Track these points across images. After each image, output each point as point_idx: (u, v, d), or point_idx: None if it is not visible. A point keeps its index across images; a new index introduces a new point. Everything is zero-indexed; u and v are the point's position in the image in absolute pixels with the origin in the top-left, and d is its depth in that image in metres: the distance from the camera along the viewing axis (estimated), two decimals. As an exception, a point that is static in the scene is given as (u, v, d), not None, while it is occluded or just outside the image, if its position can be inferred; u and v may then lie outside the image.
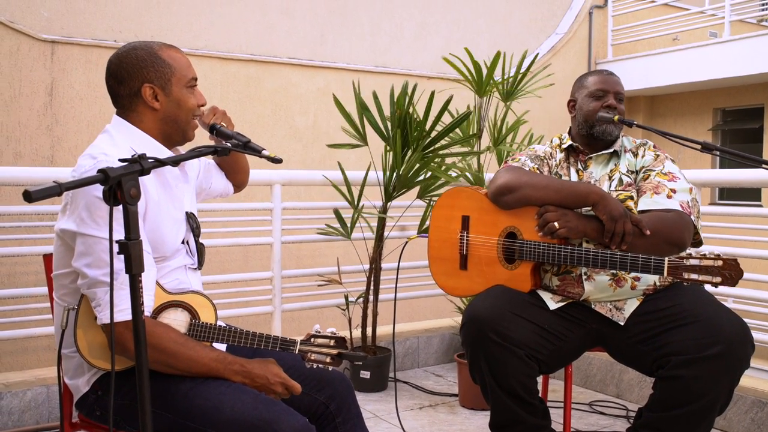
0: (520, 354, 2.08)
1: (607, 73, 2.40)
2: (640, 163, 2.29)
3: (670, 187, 2.16)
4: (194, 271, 1.81)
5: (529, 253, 2.18)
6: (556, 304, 2.21)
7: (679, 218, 2.10)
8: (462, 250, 2.38)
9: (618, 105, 2.31)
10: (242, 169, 2.12)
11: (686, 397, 1.97)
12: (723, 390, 1.97)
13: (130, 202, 1.25)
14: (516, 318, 2.12)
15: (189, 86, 1.74)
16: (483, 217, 2.33)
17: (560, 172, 2.35)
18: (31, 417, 2.92)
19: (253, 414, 1.55)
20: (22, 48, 6.17)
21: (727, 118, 10.27)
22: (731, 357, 1.94)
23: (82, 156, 1.64)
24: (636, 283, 2.17)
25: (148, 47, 1.72)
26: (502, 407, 2.15)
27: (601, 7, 10.04)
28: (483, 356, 2.10)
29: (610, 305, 2.19)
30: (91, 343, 1.60)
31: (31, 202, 1.07)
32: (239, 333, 1.69)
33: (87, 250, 1.55)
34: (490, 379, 2.12)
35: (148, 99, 1.69)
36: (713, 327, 1.97)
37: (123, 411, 1.63)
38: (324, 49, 7.93)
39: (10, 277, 5.58)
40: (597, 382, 3.55)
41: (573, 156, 2.37)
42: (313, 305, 3.85)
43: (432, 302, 4.46)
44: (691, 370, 1.95)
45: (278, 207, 3.63)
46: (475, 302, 2.19)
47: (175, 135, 1.76)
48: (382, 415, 3.18)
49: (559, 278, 2.23)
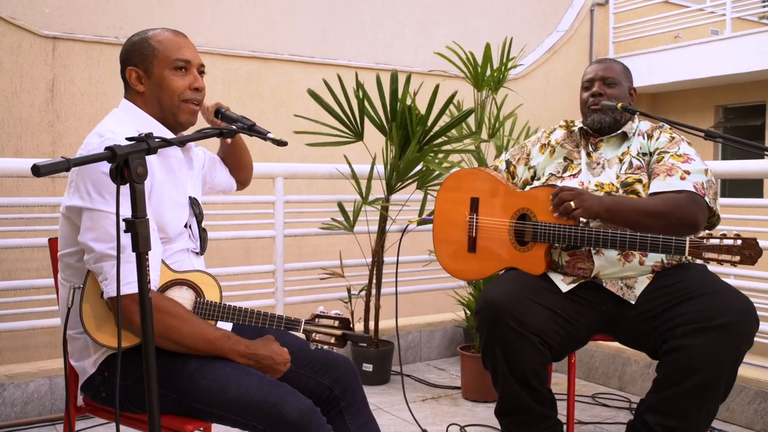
0: (536, 341, 2.07)
1: (598, 61, 2.42)
2: (654, 145, 2.28)
3: (684, 169, 2.15)
4: (197, 255, 1.81)
5: (544, 235, 2.16)
6: (568, 286, 2.20)
7: (691, 198, 2.10)
8: (471, 232, 2.34)
9: (606, 89, 2.32)
10: (246, 165, 2.12)
11: (690, 368, 1.95)
12: (727, 364, 1.96)
13: (136, 180, 1.25)
14: (532, 304, 2.10)
15: (175, 67, 1.71)
16: (493, 200, 2.31)
17: (569, 157, 2.36)
18: (33, 408, 2.92)
19: (259, 395, 1.55)
20: (23, 44, 6.17)
21: (729, 115, 10.26)
22: (737, 328, 1.95)
23: (90, 134, 1.64)
24: (644, 258, 2.17)
25: (144, 32, 1.75)
26: (511, 394, 2.14)
27: (603, 4, 10.03)
28: (498, 343, 2.09)
29: (621, 283, 2.18)
30: (97, 319, 1.60)
31: (40, 176, 1.07)
32: (244, 312, 1.69)
33: (93, 225, 1.55)
34: (503, 365, 2.10)
35: (133, 82, 1.72)
36: (720, 300, 1.98)
37: (128, 392, 1.63)
38: (325, 46, 7.92)
39: (12, 273, 5.58)
40: (600, 374, 3.55)
41: (585, 138, 2.38)
42: (315, 298, 3.85)
43: (434, 297, 4.46)
44: (695, 339, 1.94)
45: (281, 200, 3.63)
46: (490, 287, 2.17)
47: (166, 118, 1.74)
48: (385, 407, 3.17)
49: (569, 254, 2.22)
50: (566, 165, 2.36)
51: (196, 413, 1.62)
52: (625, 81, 2.37)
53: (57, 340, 4.79)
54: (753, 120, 9.93)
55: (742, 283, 3.41)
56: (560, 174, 2.34)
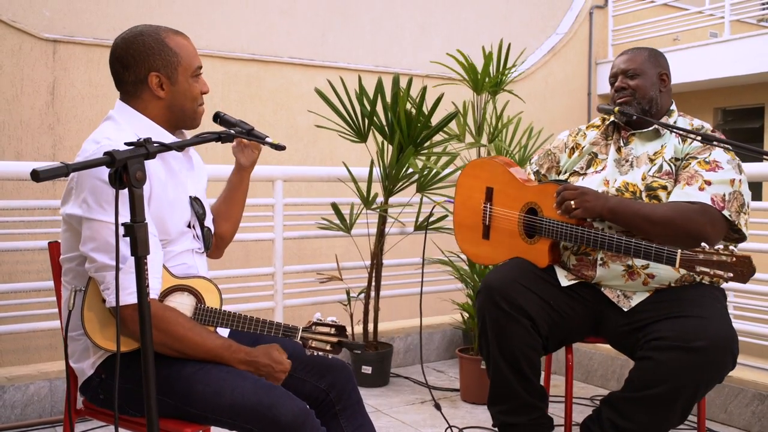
0: (526, 324, 2.11)
1: (622, 53, 2.36)
2: (687, 149, 2.18)
3: (706, 179, 2.05)
4: (201, 254, 1.82)
5: (548, 231, 2.20)
6: (568, 282, 2.23)
7: (702, 211, 2.01)
8: (485, 220, 2.41)
9: (629, 81, 2.26)
10: (233, 216, 2.03)
11: (652, 379, 1.95)
12: (687, 385, 1.92)
13: (135, 184, 1.26)
14: (525, 290, 2.15)
15: (195, 75, 1.74)
16: (506, 190, 2.36)
17: (594, 151, 2.32)
18: (33, 411, 2.93)
19: (253, 399, 1.57)
20: (24, 47, 6.19)
21: (727, 118, 10.28)
22: (708, 356, 1.89)
23: (86, 141, 1.65)
24: (649, 280, 2.13)
25: (155, 33, 1.70)
26: (501, 380, 2.17)
27: (602, 7, 10.05)
28: (491, 324, 2.14)
29: (619, 291, 2.19)
30: (99, 325, 1.62)
31: (39, 181, 1.08)
32: (243, 319, 1.71)
33: (94, 235, 1.56)
34: (494, 347, 2.14)
35: (154, 87, 1.69)
36: (702, 325, 1.93)
37: (126, 395, 1.64)
38: (325, 48, 7.94)
39: (12, 276, 5.59)
40: (598, 377, 3.56)
41: (617, 133, 2.32)
42: (314, 301, 3.86)
43: (432, 300, 4.46)
44: (664, 354, 1.93)
45: (280, 203, 3.64)
46: (491, 273, 2.24)
47: (180, 122, 1.77)
48: (384, 410, 3.18)
49: (577, 258, 2.24)
50: (590, 159, 2.31)
51: (193, 418, 1.63)
52: (651, 68, 2.27)
53: (57, 342, 4.80)
54: (752, 122, 9.94)
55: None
56: (584, 170, 2.31)
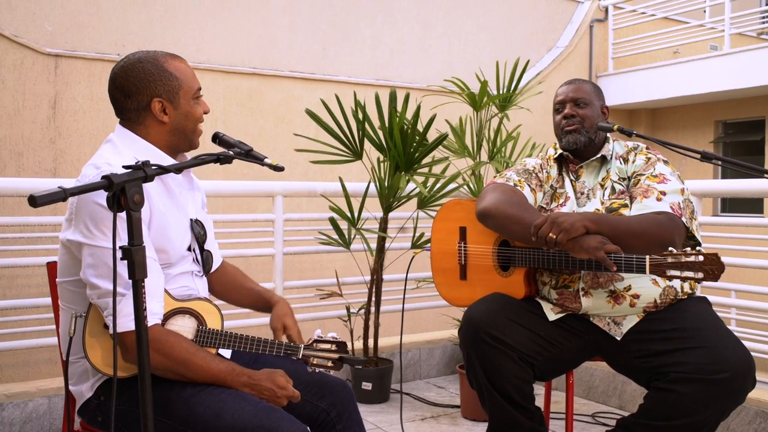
0: (514, 357, 2.09)
1: (567, 83, 2.37)
2: (631, 168, 2.25)
3: (660, 190, 2.13)
4: (201, 277, 1.82)
5: (521, 259, 2.20)
6: (556, 315, 2.22)
7: (669, 220, 2.07)
8: (461, 260, 2.41)
9: (578, 110, 2.27)
10: (234, 301, 2.07)
11: (674, 411, 1.94)
12: (712, 417, 1.93)
13: (133, 208, 1.26)
14: (511, 323, 2.13)
15: (195, 97, 1.77)
16: (478, 227, 2.34)
17: (554, 185, 2.34)
18: (32, 428, 2.92)
19: (254, 421, 1.56)
20: (26, 61, 6.21)
21: (728, 131, 10.28)
22: (732, 385, 1.90)
23: (86, 166, 1.65)
24: (635, 300, 2.14)
25: (154, 59, 1.72)
26: (499, 410, 2.15)
27: (602, 20, 10.08)
28: (477, 358, 2.12)
29: (608, 319, 2.19)
30: (102, 351, 1.62)
31: (36, 207, 1.08)
32: (245, 339, 1.71)
33: (95, 262, 1.57)
34: (485, 381, 2.12)
35: (158, 113, 1.72)
36: (720, 355, 1.92)
37: (124, 417, 1.63)
38: (326, 62, 7.96)
39: (12, 290, 5.58)
40: (599, 393, 3.54)
41: (566, 166, 2.36)
42: (315, 316, 3.85)
43: (433, 314, 4.45)
44: (687, 387, 1.91)
45: (280, 218, 3.64)
46: (472, 306, 2.21)
47: (182, 145, 1.79)
48: (384, 426, 3.16)
49: (557, 292, 2.23)
50: (552, 194, 2.34)
51: (192, 439, 1.62)
52: (596, 100, 2.32)
53: (56, 356, 4.78)
54: (753, 135, 9.94)
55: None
56: (549, 206, 2.32)
